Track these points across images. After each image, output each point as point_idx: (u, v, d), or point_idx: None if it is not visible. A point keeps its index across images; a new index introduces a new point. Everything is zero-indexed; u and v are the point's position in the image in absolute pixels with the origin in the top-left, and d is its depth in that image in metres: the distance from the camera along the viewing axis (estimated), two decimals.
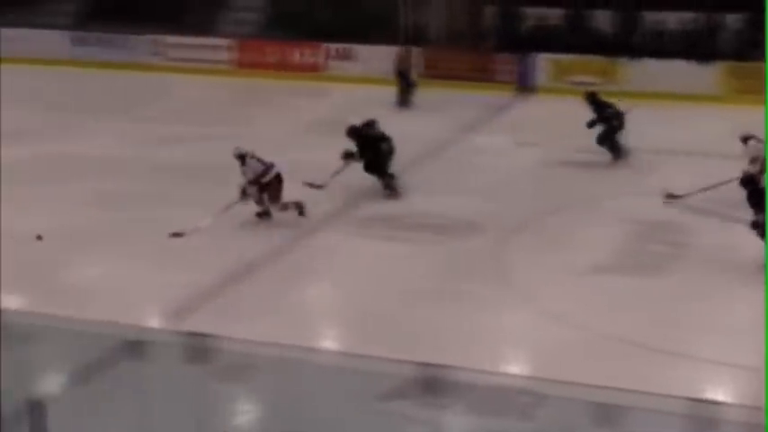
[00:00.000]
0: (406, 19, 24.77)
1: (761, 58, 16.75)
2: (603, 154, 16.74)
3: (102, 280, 12.86)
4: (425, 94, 21.43)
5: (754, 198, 13.08)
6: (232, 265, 12.70)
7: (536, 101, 21.91)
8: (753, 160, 14.55)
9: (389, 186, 15.54)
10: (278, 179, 14.39)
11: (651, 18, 22.44)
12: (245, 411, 7.76)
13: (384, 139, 15.57)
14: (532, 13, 23.75)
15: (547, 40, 23.13)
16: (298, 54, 24.66)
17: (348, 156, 15.42)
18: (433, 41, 24.31)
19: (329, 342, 11.31)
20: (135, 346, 7.93)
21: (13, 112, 20.79)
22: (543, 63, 22.85)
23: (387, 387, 7.33)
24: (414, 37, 24.28)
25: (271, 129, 18.07)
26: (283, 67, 24.42)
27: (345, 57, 24.13)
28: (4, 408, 7.49)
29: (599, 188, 15.81)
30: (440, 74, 23.33)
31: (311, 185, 15.12)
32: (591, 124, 16.80)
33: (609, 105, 17.05)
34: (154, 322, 11.28)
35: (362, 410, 7.26)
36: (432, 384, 7.16)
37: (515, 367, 10.67)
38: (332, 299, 12.52)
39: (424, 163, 17.13)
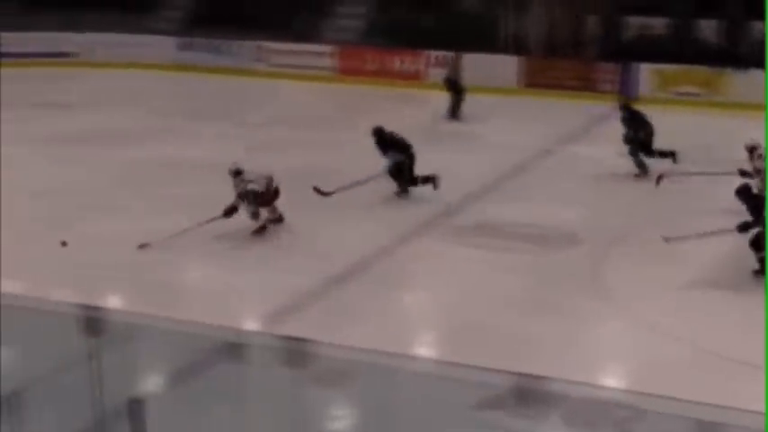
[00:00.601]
0: (506, 27, 24.70)
1: None
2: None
3: (203, 282, 13.07)
4: (526, 102, 21.32)
5: (753, 205, 12.77)
6: (331, 269, 12.77)
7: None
8: (757, 171, 14.46)
9: (404, 192, 15.74)
10: (276, 192, 14.35)
11: (759, 28, 22.02)
12: (341, 417, 7.81)
13: (407, 146, 15.72)
14: (636, 22, 23.49)
15: (650, 50, 22.84)
16: (398, 61, 24.75)
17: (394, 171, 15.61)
18: (534, 50, 24.19)
19: (425, 349, 11.30)
20: (233, 349, 8.03)
21: (119, 116, 21.30)
22: (646, 73, 22.58)
23: (482, 396, 7.31)
24: (514, 45, 24.21)
25: (370, 135, 18.08)
26: (384, 75, 24.55)
27: (446, 64, 24.12)
28: (106, 406, 7.65)
29: (700, 201, 15.55)
30: (541, 82, 23.22)
31: (319, 192, 15.19)
32: (628, 138, 16.69)
33: (641, 116, 16.90)
34: (252, 325, 11.40)
35: (457, 419, 7.25)
36: (527, 395, 7.12)
37: (612, 380, 10.55)
38: (429, 306, 12.51)
39: (523, 171, 17.06)
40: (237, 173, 14.29)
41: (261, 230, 14.29)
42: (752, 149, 14.94)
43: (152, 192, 16.14)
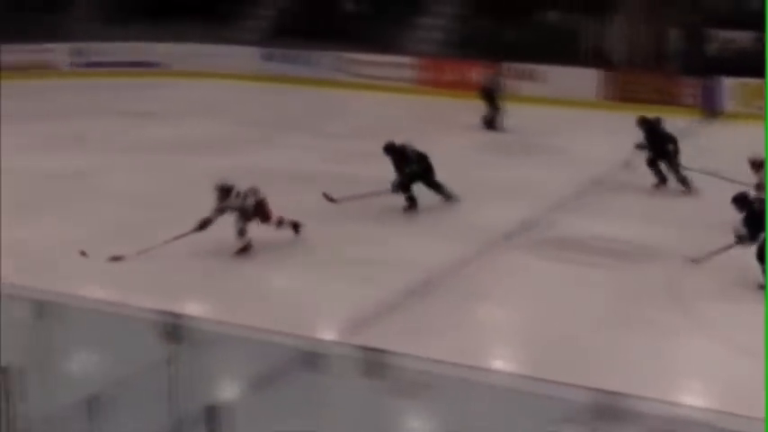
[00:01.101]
0: (587, 39, 24.55)
1: None
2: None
3: (283, 290, 13.16)
4: (609, 116, 21.15)
5: (751, 216, 12.75)
6: (410, 280, 12.77)
7: (721, 125, 21.38)
8: (759, 187, 14.35)
9: (413, 207, 15.75)
10: (261, 204, 14.16)
11: None
12: (418, 428, 7.79)
13: (423, 157, 15.80)
14: (719, 36, 23.20)
15: (734, 64, 22.54)
16: (477, 73, 24.70)
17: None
18: (616, 63, 24.00)
19: (503, 363, 11.24)
20: (311, 358, 8.05)
21: (203, 125, 21.55)
22: (730, 87, 22.29)
23: (560, 412, 7.25)
24: (595, 58, 24.05)
25: (449, 147, 18.11)
26: (463, 87, 24.52)
27: (525, 77, 24.06)
28: (183, 412, 7.72)
29: None
30: (623, 96, 23.02)
31: (328, 198, 15.31)
32: (640, 147, 16.70)
33: (663, 130, 16.85)
34: (330, 335, 11.43)
35: None
36: (606, 411, 7.05)
37: (693, 398, 10.40)
38: (508, 320, 12.44)
39: (605, 185, 16.93)
40: (226, 190, 14.01)
41: (244, 250, 13.94)
42: (758, 164, 14.87)
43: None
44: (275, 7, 28.86)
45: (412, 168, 15.75)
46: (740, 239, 12.79)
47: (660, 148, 16.78)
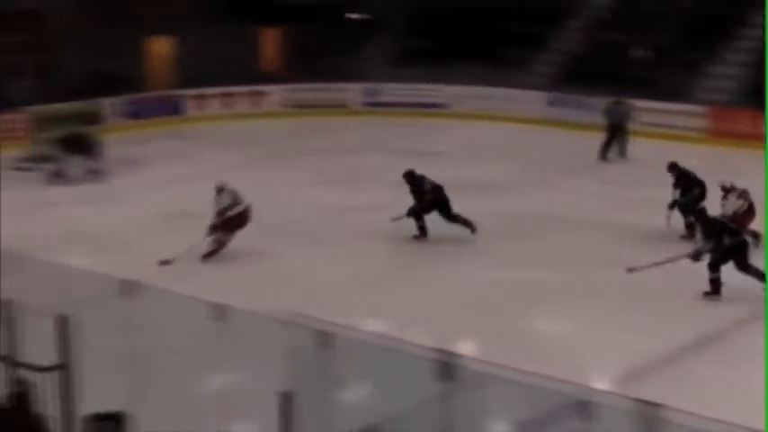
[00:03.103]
0: None
1: None
2: None
3: (556, 335, 13.09)
4: None
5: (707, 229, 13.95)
6: (684, 334, 12.44)
7: None
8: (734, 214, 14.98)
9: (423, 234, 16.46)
10: (243, 215, 15.44)
11: None
12: None
13: (437, 189, 16.50)
14: None
15: None
16: None
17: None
18: None
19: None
20: (583, 406, 7.97)
21: (484, 167, 21.78)
22: None
23: None
24: None
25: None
26: (756, 138, 23.66)
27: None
28: None
29: None
30: None
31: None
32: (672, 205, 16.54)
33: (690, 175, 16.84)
34: (603, 384, 11.28)
35: None
36: None
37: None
38: None
39: None
40: (219, 189, 15.65)
41: (210, 255, 15.29)
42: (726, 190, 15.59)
43: (511, 246, 16.38)
44: (563, 53, 28.89)
45: (428, 197, 16.41)
46: (695, 257, 13.94)
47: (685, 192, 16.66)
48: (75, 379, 8.34)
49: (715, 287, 13.81)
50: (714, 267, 13.79)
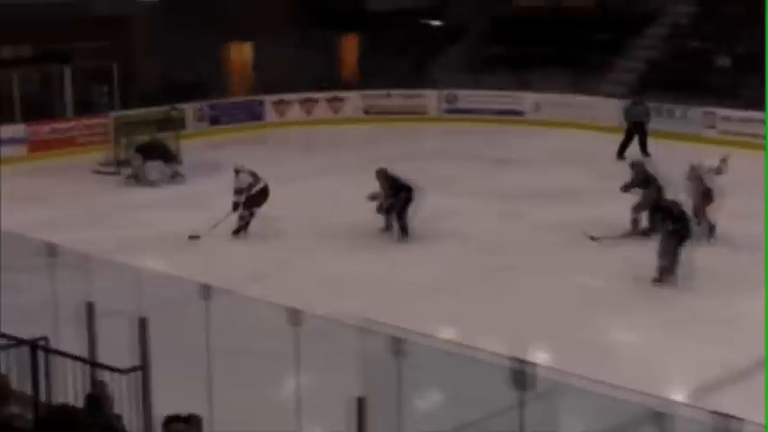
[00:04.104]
0: None
1: None
2: None
3: (631, 344, 12.99)
4: None
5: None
6: (763, 345, 12.24)
7: None
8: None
9: (404, 231, 16.85)
10: (263, 192, 16.97)
11: None
12: None
13: (408, 188, 16.91)
14: None
15: None
16: None
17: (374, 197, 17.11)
18: None
19: None
20: (658, 418, 7.90)
21: (562, 175, 21.66)
22: None
23: None
24: None
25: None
26: None
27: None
28: None
29: None
30: None
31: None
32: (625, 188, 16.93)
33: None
34: (680, 395, 11.16)
35: None
36: None
37: None
38: None
39: None
40: (237, 171, 17.11)
41: (238, 231, 16.92)
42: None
43: (581, 253, 16.29)
44: (644, 60, 28.63)
45: (403, 196, 16.87)
46: (646, 232, 15.32)
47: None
48: (152, 381, 8.48)
49: (662, 274, 14.37)
50: (661, 254, 14.38)
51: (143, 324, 8.77)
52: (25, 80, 26.38)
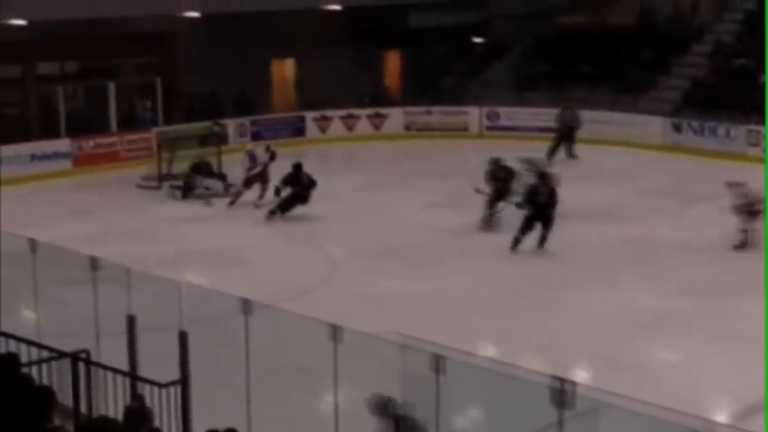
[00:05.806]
0: None
1: None
2: None
3: (673, 364, 12.89)
4: None
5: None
6: None
7: None
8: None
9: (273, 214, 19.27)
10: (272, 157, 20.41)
11: None
12: None
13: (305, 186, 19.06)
14: None
15: None
16: None
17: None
18: None
19: None
20: None
21: (606, 192, 21.54)
22: None
23: None
24: None
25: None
26: None
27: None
28: None
29: None
30: None
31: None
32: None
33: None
34: (722, 416, 11.06)
35: None
36: None
37: None
38: None
39: None
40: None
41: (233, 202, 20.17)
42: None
43: (627, 273, 16.20)
44: (688, 78, 28.46)
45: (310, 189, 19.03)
46: (518, 205, 17.04)
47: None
48: (191, 394, 8.51)
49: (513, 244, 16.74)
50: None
51: (183, 338, 8.82)
52: (70, 96, 26.71)
